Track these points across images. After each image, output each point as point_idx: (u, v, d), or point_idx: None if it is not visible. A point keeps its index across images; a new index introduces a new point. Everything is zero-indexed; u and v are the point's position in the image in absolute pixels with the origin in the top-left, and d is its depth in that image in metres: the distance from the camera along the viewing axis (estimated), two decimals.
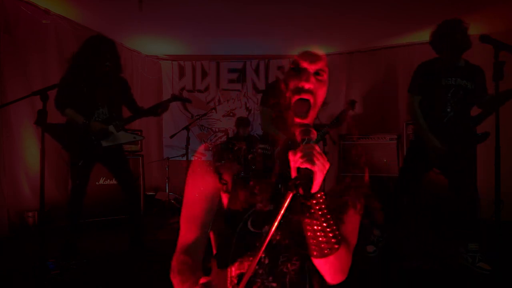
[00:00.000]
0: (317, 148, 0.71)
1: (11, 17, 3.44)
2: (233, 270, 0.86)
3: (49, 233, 3.26)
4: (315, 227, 0.75)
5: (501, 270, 2.35)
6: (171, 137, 4.36)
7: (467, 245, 2.52)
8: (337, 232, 0.77)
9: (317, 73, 0.87)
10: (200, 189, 0.91)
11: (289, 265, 0.82)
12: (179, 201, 4.95)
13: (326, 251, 0.77)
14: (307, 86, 0.85)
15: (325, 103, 0.91)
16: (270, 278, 0.82)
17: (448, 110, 2.44)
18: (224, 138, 5.63)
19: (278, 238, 0.83)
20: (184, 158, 4.32)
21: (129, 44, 5.13)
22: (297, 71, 0.87)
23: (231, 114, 5.74)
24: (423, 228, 3.60)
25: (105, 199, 3.69)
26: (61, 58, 4.03)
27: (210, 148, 0.94)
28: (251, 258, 0.82)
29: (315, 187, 0.71)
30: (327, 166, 0.71)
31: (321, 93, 0.88)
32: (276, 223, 0.69)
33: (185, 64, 5.76)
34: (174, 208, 4.76)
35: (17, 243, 3.15)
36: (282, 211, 0.69)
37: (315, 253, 0.78)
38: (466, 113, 2.51)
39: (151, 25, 4.52)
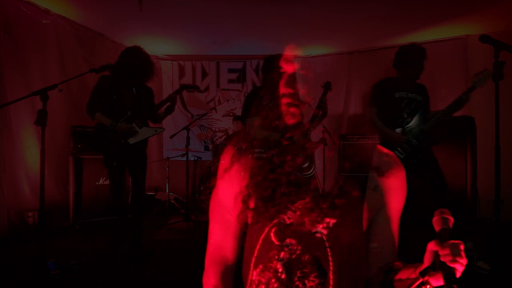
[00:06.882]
0: (462, 247, 0.69)
1: (11, 17, 3.44)
2: (254, 275, 0.84)
3: (49, 233, 3.29)
4: None
5: (501, 270, 2.34)
6: (171, 137, 4.35)
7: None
8: None
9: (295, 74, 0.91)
10: (232, 194, 0.90)
11: (306, 282, 0.80)
12: (179, 201, 4.95)
13: None
14: (292, 90, 0.89)
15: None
16: None
17: (405, 116, 2.75)
18: (224, 138, 5.64)
19: (298, 253, 0.81)
20: (184, 159, 4.32)
21: (129, 44, 5.05)
22: (284, 77, 0.91)
23: (231, 114, 5.75)
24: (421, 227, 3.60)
25: (105, 199, 3.69)
26: (61, 58, 4.04)
27: (238, 151, 0.94)
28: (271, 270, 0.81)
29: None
30: (465, 263, 0.69)
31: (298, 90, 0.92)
32: None
33: (185, 64, 5.76)
34: (174, 208, 4.76)
35: (17, 243, 3.15)
36: None
37: None
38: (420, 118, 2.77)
39: (151, 25, 4.52)
